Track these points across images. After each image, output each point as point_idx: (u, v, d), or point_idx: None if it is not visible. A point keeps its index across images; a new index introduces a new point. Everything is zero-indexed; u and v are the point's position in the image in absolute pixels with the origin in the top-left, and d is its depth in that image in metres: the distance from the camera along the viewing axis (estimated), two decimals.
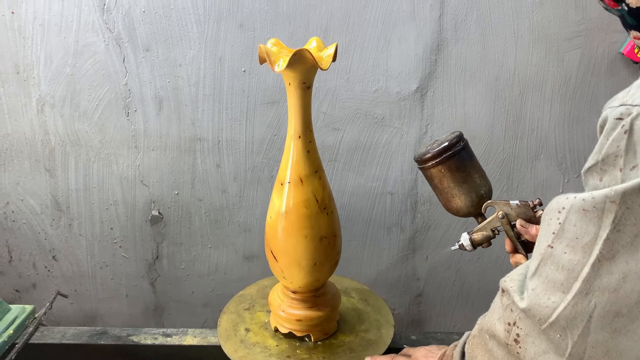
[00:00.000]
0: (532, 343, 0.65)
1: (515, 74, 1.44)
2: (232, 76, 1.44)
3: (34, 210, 1.60)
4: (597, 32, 1.39)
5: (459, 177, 0.90)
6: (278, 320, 1.10)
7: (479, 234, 0.93)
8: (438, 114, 1.48)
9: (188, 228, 1.62)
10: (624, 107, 0.56)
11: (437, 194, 0.94)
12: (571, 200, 0.60)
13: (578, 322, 0.60)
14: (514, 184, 1.56)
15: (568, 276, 0.60)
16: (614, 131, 0.57)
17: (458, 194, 0.91)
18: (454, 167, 0.90)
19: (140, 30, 1.39)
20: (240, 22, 1.38)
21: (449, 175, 0.90)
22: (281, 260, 1.02)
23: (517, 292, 0.67)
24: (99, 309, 1.74)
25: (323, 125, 1.48)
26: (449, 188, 0.91)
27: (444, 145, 0.89)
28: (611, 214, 0.56)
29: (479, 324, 0.78)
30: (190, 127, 1.49)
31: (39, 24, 1.38)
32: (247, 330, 1.12)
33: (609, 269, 0.57)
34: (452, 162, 0.89)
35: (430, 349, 0.97)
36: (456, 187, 0.90)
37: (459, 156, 0.90)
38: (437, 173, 0.91)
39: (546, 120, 1.49)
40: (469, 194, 0.91)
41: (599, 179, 0.59)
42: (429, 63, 1.43)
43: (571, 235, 0.60)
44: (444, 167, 0.90)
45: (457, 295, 1.72)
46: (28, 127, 1.49)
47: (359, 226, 1.62)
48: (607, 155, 0.57)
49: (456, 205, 0.92)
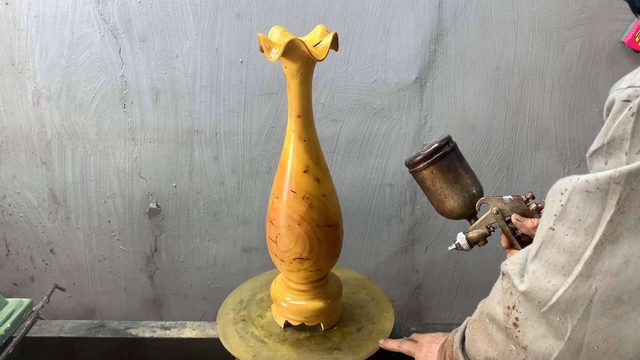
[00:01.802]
0: (531, 327, 0.64)
1: (515, 63, 1.43)
2: (229, 67, 1.42)
3: (31, 203, 1.59)
4: (597, 21, 1.38)
5: (450, 178, 0.92)
6: (279, 311, 1.10)
7: (474, 232, 0.94)
8: (437, 104, 1.47)
9: (186, 221, 1.61)
10: (632, 89, 0.55)
11: (430, 198, 0.96)
12: (574, 181, 0.59)
13: (578, 306, 0.59)
14: (514, 175, 1.55)
15: (569, 259, 0.59)
16: (620, 114, 0.55)
17: (451, 194, 0.93)
18: (445, 167, 0.92)
19: (136, 21, 1.38)
20: (237, 12, 1.37)
21: (440, 175, 0.92)
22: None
23: (518, 275, 0.66)
24: (97, 302, 1.74)
25: (322, 117, 1.47)
26: (442, 189, 0.93)
27: (433, 147, 0.92)
28: (615, 195, 0.55)
29: (479, 308, 0.77)
30: (188, 119, 1.48)
31: (33, 15, 1.37)
32: (246, 323, 1.12)
33: (612, 251, 0.56)
34: (443, 162, 0.92)
35: (436, 335, 0.98)
36: (448, 188, 0.92)
37: (448, 157, 0.92)
38: (428, 175, 0.93)
39: (546, 110, 1.47)
40: (462, 193, 0.92)
41: (604, 162, 0.58)
42: (428, 53, 1.41)
43: (573, 217, 0.59)
44: (435, 168, 0.92)
45: (457, 286, 1.72)
46: (24, 120, 1.48)
47: (358, 218, 1.61)
48: (613, 138, 0.56)
49: (449, 206, 0.94)
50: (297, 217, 0.97)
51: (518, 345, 0.66)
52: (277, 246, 1.01)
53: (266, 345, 1.06)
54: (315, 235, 0.99)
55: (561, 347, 0.61)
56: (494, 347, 0.71)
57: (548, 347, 0.62)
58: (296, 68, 0.90)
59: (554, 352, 0.62)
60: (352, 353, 1.04)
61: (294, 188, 0.97)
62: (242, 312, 1.15)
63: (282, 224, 0.99)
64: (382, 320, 1.14)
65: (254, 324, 1.12)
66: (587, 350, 0.59)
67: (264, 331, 1.10)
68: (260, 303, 1.18)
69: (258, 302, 1.19)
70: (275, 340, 1.07)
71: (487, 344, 0.73)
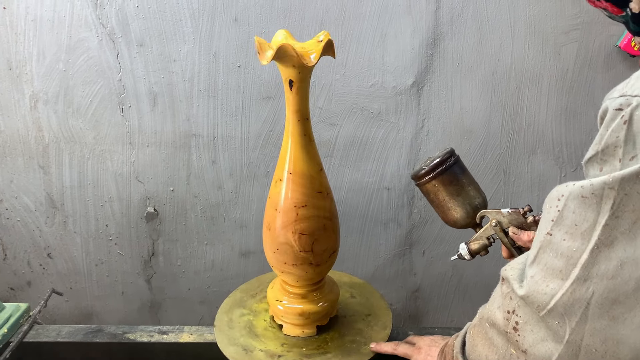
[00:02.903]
0: (530, 331, 0.65)
1: (511, 67, 1.43)
2: (227, 71, 1.42)
3: (28, 207, 1.58)
4: (593, 26, 1.39)
5: (453, 190, 0.95)
6: (276, 314, 1.10)
7: (475, 244, 0.96)
8: (434, 108, 1.47)
9: (184, 225, 1.61)
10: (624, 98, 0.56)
11: (435, 209, 0.99)
12: (570, 187, 0.60)
13: (576, 309, 0.60)
14: (511, 178, 1.56)
15: (567, 263, 0.60)
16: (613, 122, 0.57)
17: (453, 207, 0.96)
18: (447, 180, 0.95)
19: (134, 26, 1.38)
20: (235, 16, 1.37)
21: (443, 188, 0.95)
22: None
23: (517, 280, 0.67)
24: (94, 306, 1.73)
25: (319, 121, 1.48)
26: (444, 201, 0.96)
27: (436, 162, 0.95)
28: (609, 200, 0.56)
29: (479, 313, 0.78)
30: (185, 123, 1.48)
31: (31, 20, 1.37)
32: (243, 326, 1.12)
33: (607, 255, 0.57)
34: (445, 176, 0.95)
35: (435, 338, 0.99)
36: (451, 200, 0.95)
37: (451, 170, 0.95)
38: (432, 188, 0.96)
39: (543, 114, 1.48)
40: (464, 205, 0.95)
41: (599, 169, 0.59)
42: (425, 57, 1.42)
43: (570, 222, 0.60)
44: (437, 182, 0.95)
45: (454, 290, 1.72)
46: (21, 124, 1.48)
47: (356, 222, 1.61)
48: (606, 145, 0.57)
49: (453, 218, 0.97)
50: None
51: (518, 349, 0.67)
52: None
53: (263, 348, 1.05)
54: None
55: (560, 350, 0.62)
56: (494, 351, 0.72)
57: (547, 351, 0.63)
58: (290, 74, 0.90)
59: (553, 355, 0.62)
60: (347, 357, 1.04)
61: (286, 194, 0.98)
62: (240, 316, 1.15)
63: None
64: (379, 325, 1.14)
65: (251, 327, 1.12)
66: (586, 353, 0.60)
67: (260, 334, 1.10)
68: (257, 306, 1.18)
69: (255, 305, 1.19)
70: (272, 343, 1.07)
71: (487, 349, 0.73)
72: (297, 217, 0.98)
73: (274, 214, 1.00)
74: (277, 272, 1.07)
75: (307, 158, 0.97)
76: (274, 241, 1.01)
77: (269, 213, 1.02)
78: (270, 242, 1.02)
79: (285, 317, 1.08)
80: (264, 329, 1.11)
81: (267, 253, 1.06)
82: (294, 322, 1.08)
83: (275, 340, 1.08)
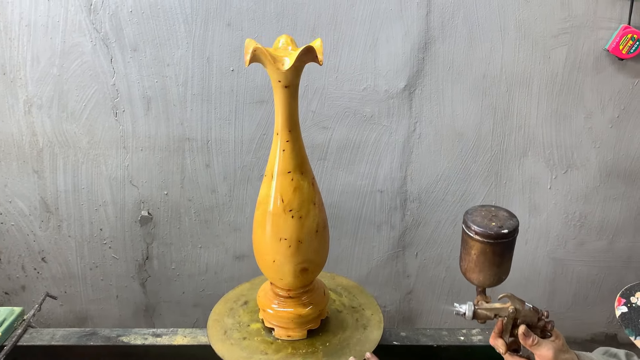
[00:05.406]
0: None
1: (502, 71, 1.45)
2: (220, 76, 1.43)
3: (23, 212, 1.59)
4: (582, 29, 1.40)
5: (495, 261, 0.92)
6: (266, 317, 1.10)
7: (483, 312, 0.94)
8: (426, 111, 1.48)
9: (178, 228, 1.61)
10: None
11: (464, 258, 0.96)
12: None
13: None
14: (502, 181, 1.57)
15: None
16: None
17: (484, 271, 0.93)
18: (498, 251, 0.92)
19: (127, 30, 1.39)
20: (228, 21, 1.38)
21: (490, 255, 0.92)
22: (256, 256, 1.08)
23: None
24: (89, 310, 1.73)
25: (312, 124, 1.49)
26: (481, 264, 0.93)
27: (504, 232, 0.91)
28: None
29: None
30: (179, 127, 1.49)
31: (25, 25, 1.38)
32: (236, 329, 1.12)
33: None
34: (499, 247, 0.92)
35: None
36: (487, 266, 0.93)
37: (507, 244, 0.92)
38: (481, 248, 0.92)
39: (533, 117, 1.50)
40: (493, 276, 0.94)
41: None
42: (416, 61, 1.43)
43: None
44: (489, 248, 0.91)
45: (447, 291, 1.73)
46: (15, 128, 1.48)
47: (349, 224, 1.62)
48: None
49: (475, 278, 0.95)
50: (258, 223, 1.04)
51: None
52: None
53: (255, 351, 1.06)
54: (271, 246, 1.02)
55: None
56: None
57: None
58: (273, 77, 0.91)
59: None
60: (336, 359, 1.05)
61: (262, 193, 1.00)
62: (232, 318, 1.16)
63: None
64: (370, 327, 1.14)
65: (243, 330, 1.12)
66: None
67: (252, 337, 1.10)
68: (249, 309, 1.19)
69: (247, 308, 1.19)
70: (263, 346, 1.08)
71: None
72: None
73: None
74: (267, 276, 1.08)
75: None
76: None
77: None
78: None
79: (276, 321, 1.09)
80: (255, 331, 1.12)
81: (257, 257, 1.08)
82: (284, 325, 1.08)
83: (266, 344, 1.09)
